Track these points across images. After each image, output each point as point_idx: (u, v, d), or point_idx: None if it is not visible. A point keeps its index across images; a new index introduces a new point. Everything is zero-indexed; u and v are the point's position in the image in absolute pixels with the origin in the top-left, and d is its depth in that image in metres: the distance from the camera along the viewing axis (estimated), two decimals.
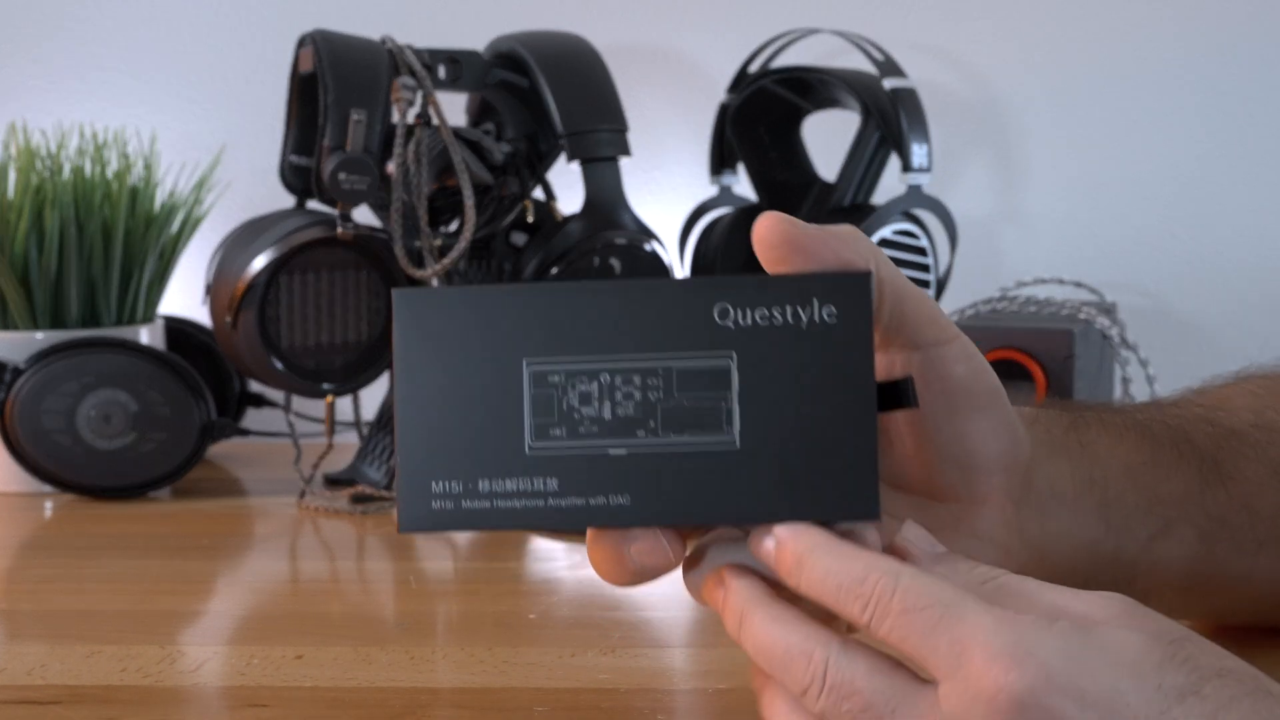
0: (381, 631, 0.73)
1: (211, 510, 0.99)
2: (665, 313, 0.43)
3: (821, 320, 0.43)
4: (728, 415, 0.43)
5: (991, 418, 0.49)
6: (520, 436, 0.43)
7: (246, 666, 0.66)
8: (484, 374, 0.43)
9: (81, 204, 1.05)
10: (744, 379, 0.43)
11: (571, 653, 0.67)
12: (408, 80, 0.99)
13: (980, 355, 0.48)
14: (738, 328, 0.43)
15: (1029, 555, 0.51)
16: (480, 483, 0.43)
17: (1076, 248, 1.27)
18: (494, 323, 0.43)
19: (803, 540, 0.43)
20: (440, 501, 0.43)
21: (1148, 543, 0.53)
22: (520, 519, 0.43)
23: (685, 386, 0.43)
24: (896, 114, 1.05)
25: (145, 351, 1.02)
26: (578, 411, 0.43)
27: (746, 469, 0.43)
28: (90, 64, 1.31)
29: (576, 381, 0.43)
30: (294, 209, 1.07)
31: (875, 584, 0.41)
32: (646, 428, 0.43)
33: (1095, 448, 0.54)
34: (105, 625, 0.72)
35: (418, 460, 0.43)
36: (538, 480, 0.43)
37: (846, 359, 0.42)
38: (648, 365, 0.43)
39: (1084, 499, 0.53)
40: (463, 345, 0.43)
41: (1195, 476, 0.55)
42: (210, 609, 0.80)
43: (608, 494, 0.43)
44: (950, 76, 1.28)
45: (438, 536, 0.94)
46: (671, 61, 1.30)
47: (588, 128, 1.03)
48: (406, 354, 0.44)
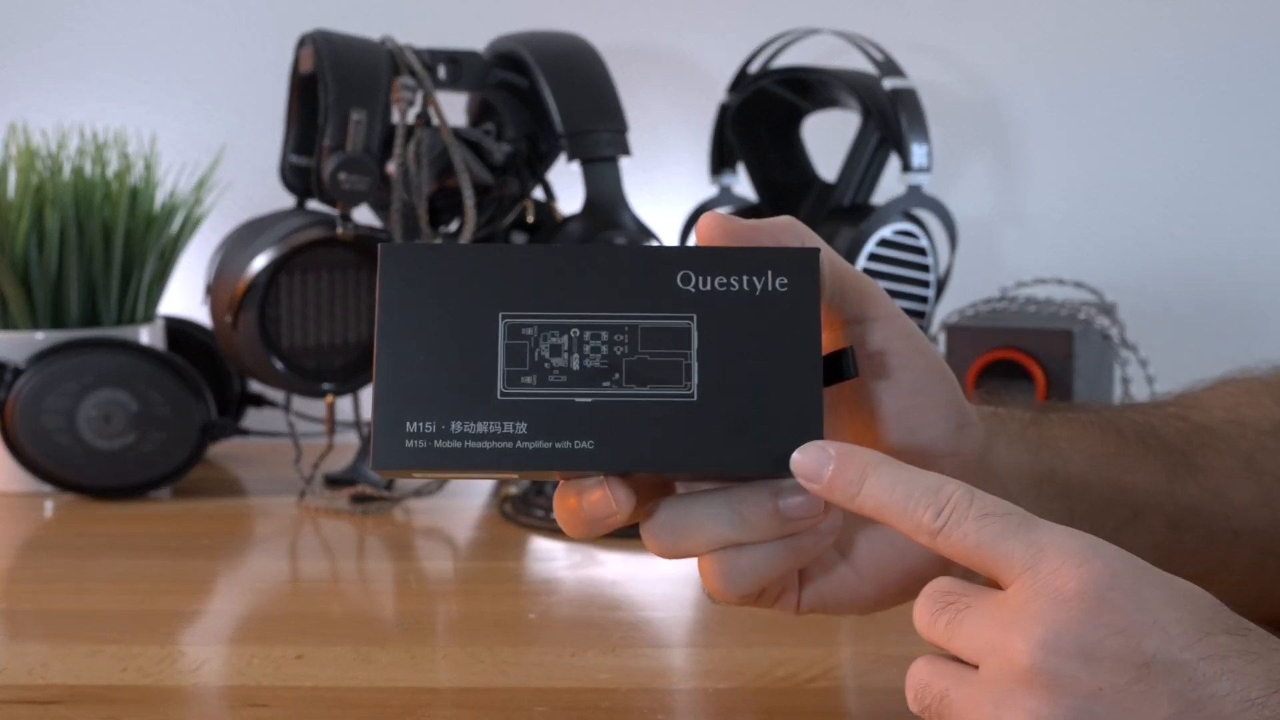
0: (382, 631, 0.73)
1: (212, 510, 0.99)
2: (633, 276, 0.46)
3: (774, 289, 0.46)
4: (687, 370, 0.46)
5: (935, 397, 0.50)
6: (493, 382, 0.46)
7: (247, 666, 0.66)
8: (462, 323, 0.46)
9: (82, 204, 1.05)
10: (703, 338, 0.46)
11: (572, 652, 0.67)
12: (408, 80, 0.99)
13: (922, 335, 0.50)
14: (698, 292, 0.46)
15: None
16: (453, 424, 0.45)
17: (1076, 248, 1.26)
18: (474, 277, 0.46)
19: (866, 454, 0.45)
20: (414, 440, 0.45)
21: (1115, 532, 0.54)
22: (490, 460, 0.45)
23: (649, 343, 0.46)
24: (896, 114, 1.05)
25: (145, 351, 1.02)
26: (548, 362, 0.46)
27: (702, 420, 0.46)
28: (90, 64, 1.31)
29: (548, 334, 0.46)
30: (294, 209, 1.07)
31: (952, 492, 0.43)
32: (611, 379, 0.46)
33: (1057, 441, 0.56)
34: (106, 625, 0.72)
35: (394, 400, 0.45)
36: (508, 424, 0.45)
37: (795, 323, 0.46)
38: (615, 322, 0.46)
39: (1045, 487, 0.54)
40: (443, 296, 0.46)
41: (1163, 468, 0.56)
42: (210, 609, 0.80)
43: (573, 439, 0.45)
44: (950, 77, 1.28)
45: (437, 536, 0.94)
46: (671, 61, 1.30)
47: (588, 128, 1.03)
48: (389, 300, 0.46)
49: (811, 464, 0.45)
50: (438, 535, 0.94)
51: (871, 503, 0.45)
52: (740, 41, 1.17)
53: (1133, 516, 0.55)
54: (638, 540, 0.48)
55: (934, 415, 0.50)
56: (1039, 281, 1.12)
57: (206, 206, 1.13)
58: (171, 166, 1.12)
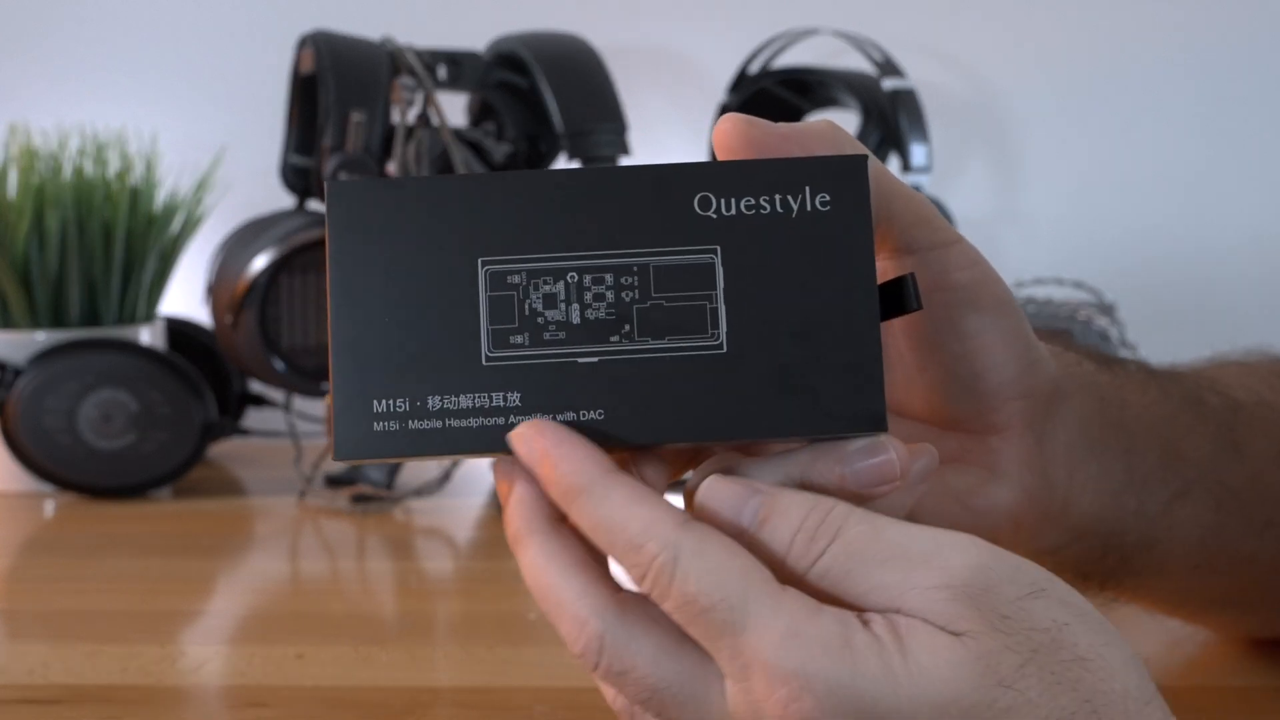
0: (382, 631, 0.73)
1: (212, 510, 0.99)
2: (640, 203, 0.38)
3: (814, 208, 0.38)
4: (712, 316, 0.38)
5: (1003, 332, 0.43)
6: (476, 346, 0.38)
7: (247, 666, 0.66)
8: (433, 275, 0.38)
9: (82, 204, 1.05)
10: (729, 276, 0.38)
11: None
12: (408, 81, 0.99)
13: (987, 262, 0.43)
14: (721, 218, 0.38)
15: (1053, 501, 0.46)
16: (430, 400, 0.38)
17: (1076, 247, 1.27)
18: (444, 216, 0.38)
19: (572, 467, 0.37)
20: (383, 423, 0.38)
21: (1168, 503, 0.50)
22: (477, 440, 0.38)
23: (664, 285, 0.38)
24: (896, 114, 1.05)
25: (146, 351, 1.02)
26: (542, 316, 0.38)
27: (735, 376, 0.38)
28: (91, 64, 1.31)
29: (540, 282, 0.38)
30: (294, 209, 1.07)
31: (653, 557, 0.36)
32: (621, 332, 0.38)
33: (1124, 393, 0.49)
34: (106, 625, 0.72)
35: (355, 376, 0.38)
36: (497, 395, 0.38)
37: (843, 250, 0.38)
38: (621, 262, 0.38)
39: (1111, 443, 0.48)
40: (407, 242, 0.38)
41: (1212, 440, 0.52)
42: (211, 608, 0.80)
43: (578, 409, 0.38)
44: (949, 77, 1.28)
45: (438, 536, 0.94)
46: (671, 61, 1.30)
47: (588, 127, 1.03)
48: (341, 253, 0.38)
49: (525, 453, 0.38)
50: (438, 535, 0.94)
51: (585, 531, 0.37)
52: (740, 41, 1.18)
53: (1184, 489, 0.50)
54: None
55: (1003, 355, 0.44)
56: (1038, 281, 1.12)
57: (207, 207, 1.13)
58: (172, 167, 1.12)
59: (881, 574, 0.36)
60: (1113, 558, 0.50)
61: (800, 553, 0.37)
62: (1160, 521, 0.50)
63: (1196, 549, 0.52)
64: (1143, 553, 0.50)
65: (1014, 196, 1.29)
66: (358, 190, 0.38)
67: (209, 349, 1.13)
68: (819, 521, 0.37)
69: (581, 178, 0.38)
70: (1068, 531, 0.48)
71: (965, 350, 0.43)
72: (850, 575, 0.36)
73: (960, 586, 0.35)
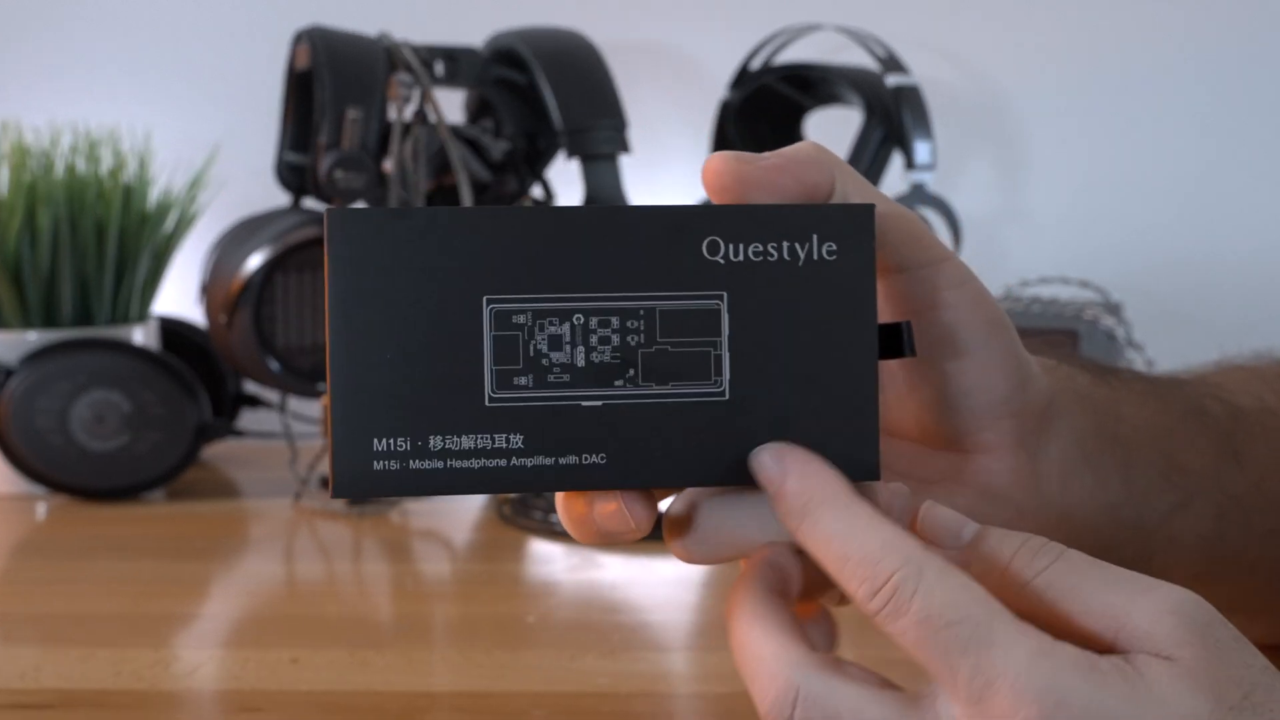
0: (378, 634, 0.73)
1: (206, 512, 0.99)
2: (649, 245, 0.39)
3: (820, 258, 0.39)
4: (716, 363, 0.39)
5: (994, 352, 0.44)
6: (479, 386, 0.38)
7: (241, 670, 0.66)
8: (437, 312, 0.38)
9: (75, 202, 1.04)
10: (735, 322, 0.39)
11: (571, 656, 0.67)
12: (405, 77, 0.99)
13: (978, 280, 0.43)
14: (729, 264, 0.39)
15: (1048, 518, 0.47)
16: (432, 439, 0.38)
17: (1082, 246, 1.26)
18: (450, 251, 0.38)
19: (813, 484, 0.38)
20: (383, 461, 0.38)
21: (1168, 515, 0.50)
22: (479, 481, 0.38)
23: (670, 330, 0.39)
24: (899, 111, 1.05)
25: (139, 351, 1.02)
26: (547, 357, 0.39)
27: (736, 423, 0.39)
28: (84, 60, 1.31)
29: (546, 322, 0.39)
30: (290, 207, 1.07)
31: (892, 574, 0.36)
32: (625, 376, 0.39)
33: (1120, 406, 0.50)
34: (99, 628, 0.72)
35: (356, 413, 0.38)
36: (500, 436, 0.38)
37: (846, 301, 0.39)
38: (628, 305, 0.39)
39: (1107, 457, 0.48)
40: (412, 277, 0.38)
41: (1213, 450, 0.52)
42: (205, 612, 0.80)
43: (580, 452, 0.39)
44: (954, 73, 1.28)
45: (434, 538, 0.94)
46: (672, 58, 1.30)
47: (587, 125, 1.03)
48: (341, 286, 0.38)
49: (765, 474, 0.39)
50: (435, 537, 0.94)
51: (810, 547, 0.38)
52: (742, 37, 1.17)
53: (1184, 500, 0.50)
54: (639, 542, 0.42)
55: (994, 374, 0.44)
56: (1044, 280, 1.12)
57: (201, 205, 1.13)
58: (166, 164, 1.12)
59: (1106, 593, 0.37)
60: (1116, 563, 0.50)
61: (1024, 563, 0.38)
62: (1159, 534, 0.50)
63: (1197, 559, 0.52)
64: (1141, 565, 0.50)
65: (1019, 194, 1.29)
66: (359, 220, 0.38)
67: (203, 349, 1.13)
68: (1042, 542, 0.38)
69: (591, 216, 0.39)
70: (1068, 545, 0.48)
71: (956, 370, 0.44)
72: (1076, 590, 0.37)
73: (1187, 614, 0.36)
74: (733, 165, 0.40)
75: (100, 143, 1.07)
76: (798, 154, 0.41)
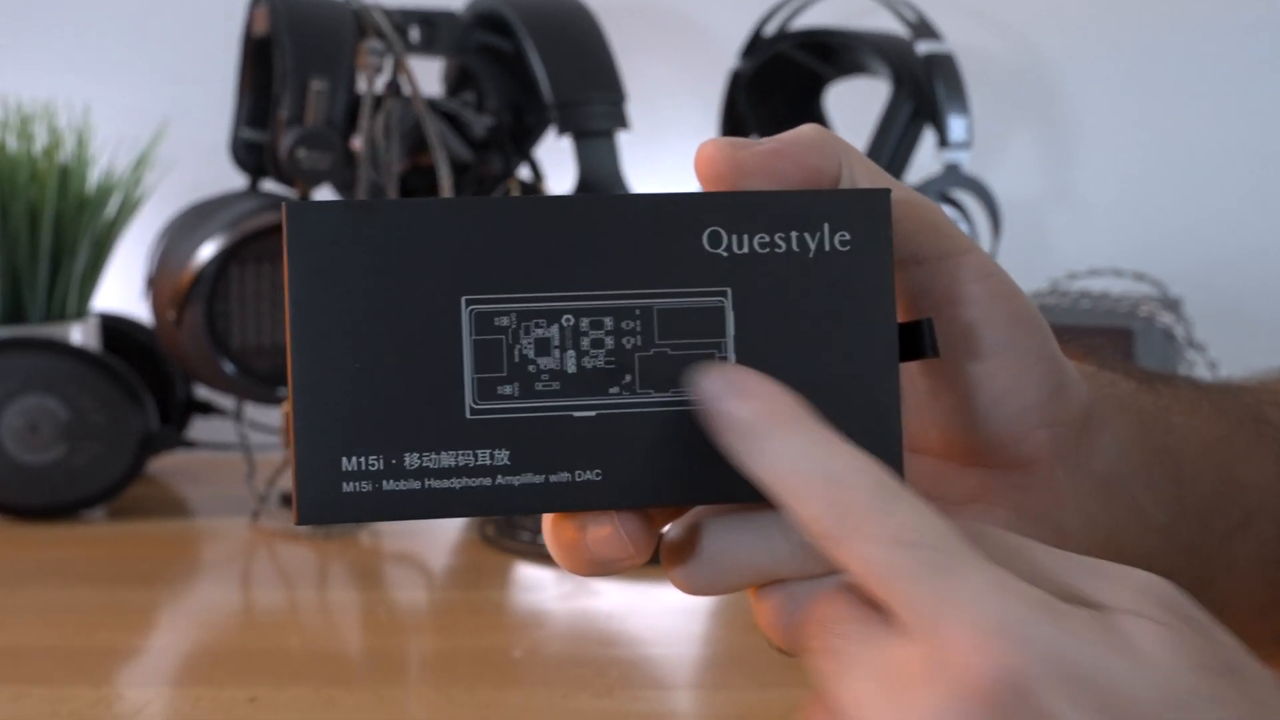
0: (347, 670, 0.73)
1: (153, 532, 1.00)
2: (645, 238, 0.39)
3: (833, 248, 0.39)
4: None
5: (1025, 353, 0.43)
6: (459, 396, 0.38)
7: (193, 710, 0.66)
8: (410, 315, 0.38)
9: (5, 184, 1.05)
10: (740, 321, 0.39)
11: (563, 694, 0.67)
12: (376, 44, 0.99)
13: (1005, 274, 0.43)
14: (732, 257, 0.39)
15: (1091, 539, 0.46)
16: (407, 457, 0.38)
17: (1137, 235, 1.27)
18: (424, 248, 0.38)
19: (766, 401, 0.38)
20: (353, 483, 0.37)
21: (1226, 536, 0.50)
22: (460, 502, 0.38)
23: (670, 331, 0.39)
24: (931, 82, 1.05)
25: (77, 352, 1.02)
26: (534, 363, 0.38)
27: None
28: (14, 25, 1.31)
29: (532, 325, 0.38)
30: (246, 191, 1.07)
31: (860, 491, 0.36)
32: (621, 383, 0.39)
33: (1169, 415, 0.49)
34: (33, 664, 0.73)
35: (321, 429, 0.37)
36: (483, 453, 0.38)
37: (862, 295, 0.39)
38: (623, 304, 0.39)
39: (1156, 470, 0.48)
40: (381, 276, 0.38)
41: (1274, 460, 0.51)
42: (152, 645, 0.80)
43: (573, 468, 0.38)
44: (992, 38, 1.28)
45: (410, 562, 0.94)
46: (675, 22, 1.30)
47: (580, 98, 1.03)
48: (303, 287, 0.38)
49: (711, 396, 0.38)
50: (410, 562, 0.94)
51: (763, 471, 0.37)
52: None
53: (1245, 519, 0.50)
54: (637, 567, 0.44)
55: (1025, 378, 0.44)
56: (1094, 273, 1.13)
57: (147, 187, 1.13)
58: (107, 142, 1.12)
59: (1085, 577, 0.37)
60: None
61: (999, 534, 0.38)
62: (1218, 558, 0.50)
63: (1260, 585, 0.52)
64: (1201, 594, 0.50)
65: (1066, 176, 1.29)
66: (320, 213, 0.38)
67: (149, 349, 1.13)
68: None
69: (580, 206, 0.39)
70: None
71: (982, 373, 0.44)
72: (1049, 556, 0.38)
73: (1165, 592, 0.37)
74: (727, 151, 0.40)
75: (33, 118, 1.08)
76: (799, 137, 0.41)
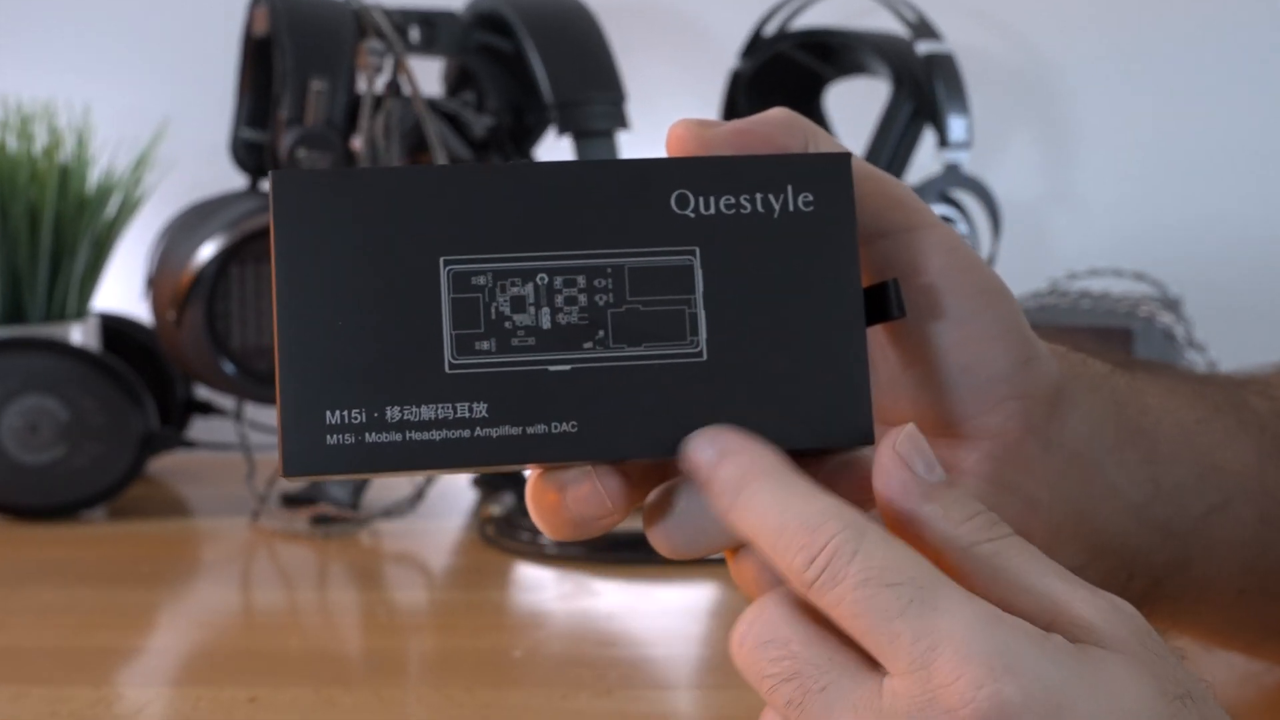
0: (346, 671, 0.73)
1: (153, 533, 1.00)
2: (615, 200, 0.41)
3: (797, 209, 0.41)
4: (691, 321, 0.41)
5: (992, 323, 0.45)
6: (438, 352, 0.40)
7: (193, 710, 0.66)
8: (390, 275, 0.40)
9: (5, 185, 1.05)
10: (709, 279, 0.41)
11: (562, 695, 0.67)
12: (376, 44, 0.99)
13: (970, 249, 0.45)
14: (700, 218, 0.41)
15: (1065, 515, 0.47)
16: (389, 410, 0.39)
17: (1137, 234, 1.27)
18: (402, 211, 0.40)
19: (745, 458, 0.40)
20: (337, 435, 0.39)
21: (1203, 517, 0.50)
22: (441, 455, 0.40)
23: (640, 288, 0.41)
24: (931, 82, 1.05)
25: (77, 352, 1.02)
26: (510, 320, 0.40)
27: (715, 385, 0.41)
28: (14, 25, 1.31)
29: (508, 283, 0.40)
30: (246, 191, 1.07)
31: (832, 537, 0.37)
32: (594, 338, 0.41)
33: (1144, 396, 0.50)
34: (32, 664, 0.73)
35: (306, 385, 0.39)
36: (462, 405, 0.40)
37: (827, 253, 0.41)
38: (595, 263, 0.41)
39: (1129, 451, 0.49)
40: (362, 239, 0.40)
41: (1255, 447, 0.52)
42: (151, 645, 0.80)
43: (549, 420, 0.40)
44: (992, 38, 1.28)
45: (409, 562, 0.94)
46: (675, 22, 1.30)
47: (580, 98, 1.03)
48: (288, 250, 0.40)
49: (698, 459, 0.40)
50: (410, 561, 0.94)
51: (744, 524, 0.39)
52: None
53: (1223, 502, 0.51)
54: (637, 567, 0.44)
55: (992, 347, 0.45)
56: (1094, 273, 1.13)
57: (147, 187, 1.13)
58: (107, 142, 1.12)
59: (1049, 579, 0.38)
60: (1141, 581, 0.50)
61: (975, 528, 0.39)
62: (1195, 539, 0.51)
63: (1242, 571, 0.52)
64: (1177, 575, 0.51)
65: (1066, 176, 1.29)
66: (306, 181, 0.40)
67: (149, 350, 1.13)
68: (998, 519, 0.40)
69: (551, 172, 0.41)
70: (1084, 551, 0.48)
71: (950, 341, 0.45)
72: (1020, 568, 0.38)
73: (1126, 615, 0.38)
74: (695, 130, 0.42)
75: (33, 118, 1.08)
76: (767, 117, 0.43)
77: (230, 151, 1.07)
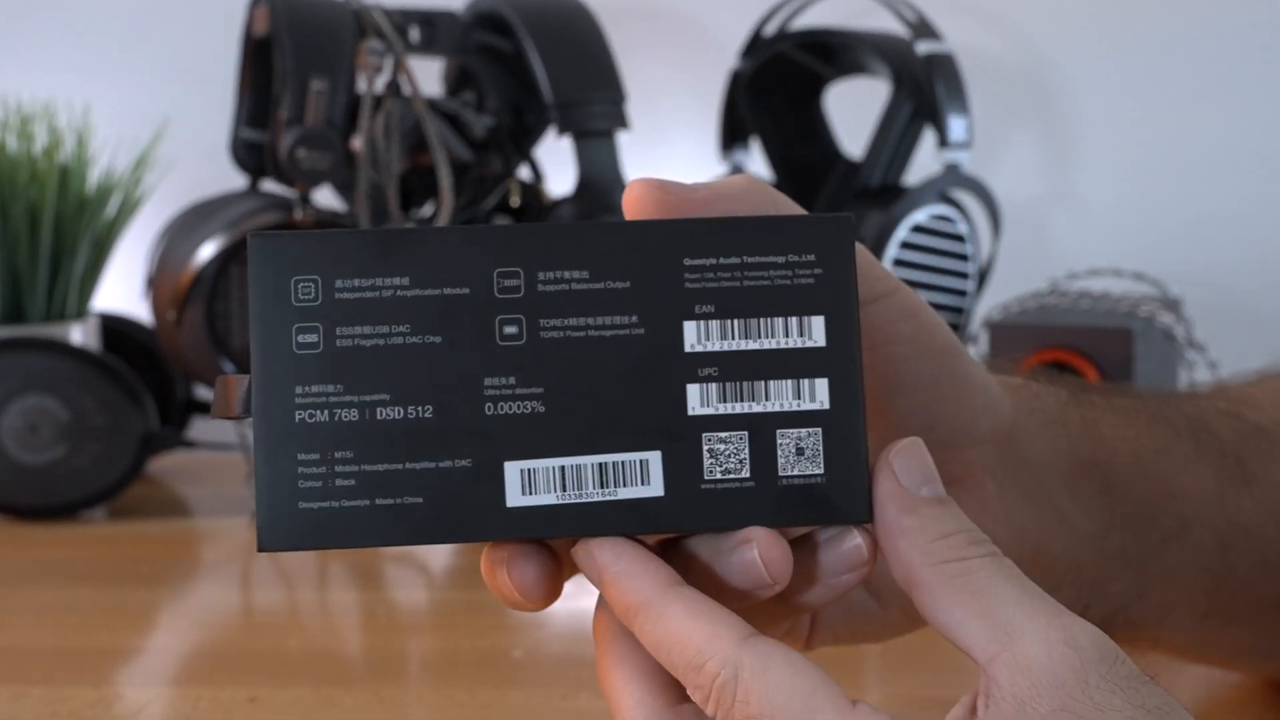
0: (346, 671, 0.73)
1: (153, 532, 1.00)
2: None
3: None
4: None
5: (950, 382, 0.45)
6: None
7: (193, 710, 0.66)
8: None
9: (5, 185, 1.05)
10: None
11: (563, 695, 0.67)
12: (376, 44, 0.99)
13: (928, 309, 0.45)
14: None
15: (1021, 549, 0.48)
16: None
17: (1137, 234, 1.27)
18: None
19: (630, 584, 0.40)
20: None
21: (1160, 546, 0.51)
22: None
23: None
24: (931, 82, 1.05)
25: (77, 352, 1.02)
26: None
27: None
28: (13, 25, 1.31)
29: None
30: (246, 190, 1.07)
31: (714, 676, 0.37)
32: None
33: (1099, 426, 0.51)
34: (32, 664, 0.73)
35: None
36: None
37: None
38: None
39: (1084, 483, 0.50)
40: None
41: (1214, 473, 0.53)
42: (151, 645, 0.80)
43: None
44: (993, 38, 1.28)
45: (409, 562, 0.94)
46: (675, 22, 1.30)
47: (580, 98, 1.03)
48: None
49: (585, 570, 0.41)
50: (409, 561, 0.94)
51: (649, 644, 0.39)
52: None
53: (1180, 529, 0.52)
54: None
55: (949, 406, 0.46)
56: (1094, 273, 1.13)
57: (147, 187, 1.13)
58: (107, 142, 1.12)
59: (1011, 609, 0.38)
60: (1099, 609, 0.50)
61: (954, 544, 0.39)
62: (1152, 567, 0.51)
63: (1199, 594, 0.53)
64: (1136, 602, 0.51)
65: (1066, 176, 1.29)
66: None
67: (149, 350, 1.13)
68: (984, 539, 0.39)
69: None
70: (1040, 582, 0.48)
71: (915, 404, 0.45)
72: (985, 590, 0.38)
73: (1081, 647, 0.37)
74: (656, 194, 0.41)
75: (33, 118, 1.08)
76: (729, 187, 0.42)
77: (230, 151, 1.07)
